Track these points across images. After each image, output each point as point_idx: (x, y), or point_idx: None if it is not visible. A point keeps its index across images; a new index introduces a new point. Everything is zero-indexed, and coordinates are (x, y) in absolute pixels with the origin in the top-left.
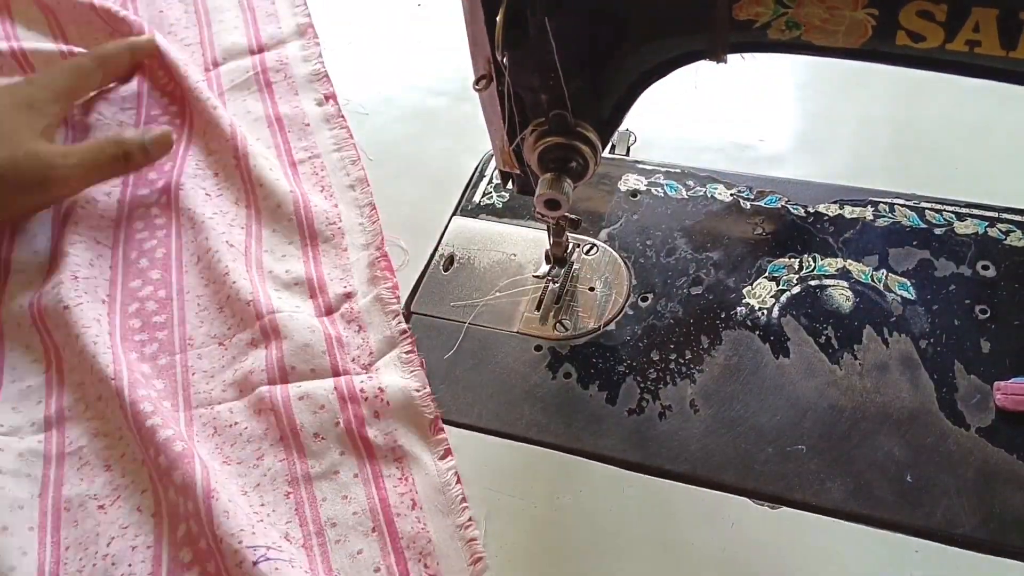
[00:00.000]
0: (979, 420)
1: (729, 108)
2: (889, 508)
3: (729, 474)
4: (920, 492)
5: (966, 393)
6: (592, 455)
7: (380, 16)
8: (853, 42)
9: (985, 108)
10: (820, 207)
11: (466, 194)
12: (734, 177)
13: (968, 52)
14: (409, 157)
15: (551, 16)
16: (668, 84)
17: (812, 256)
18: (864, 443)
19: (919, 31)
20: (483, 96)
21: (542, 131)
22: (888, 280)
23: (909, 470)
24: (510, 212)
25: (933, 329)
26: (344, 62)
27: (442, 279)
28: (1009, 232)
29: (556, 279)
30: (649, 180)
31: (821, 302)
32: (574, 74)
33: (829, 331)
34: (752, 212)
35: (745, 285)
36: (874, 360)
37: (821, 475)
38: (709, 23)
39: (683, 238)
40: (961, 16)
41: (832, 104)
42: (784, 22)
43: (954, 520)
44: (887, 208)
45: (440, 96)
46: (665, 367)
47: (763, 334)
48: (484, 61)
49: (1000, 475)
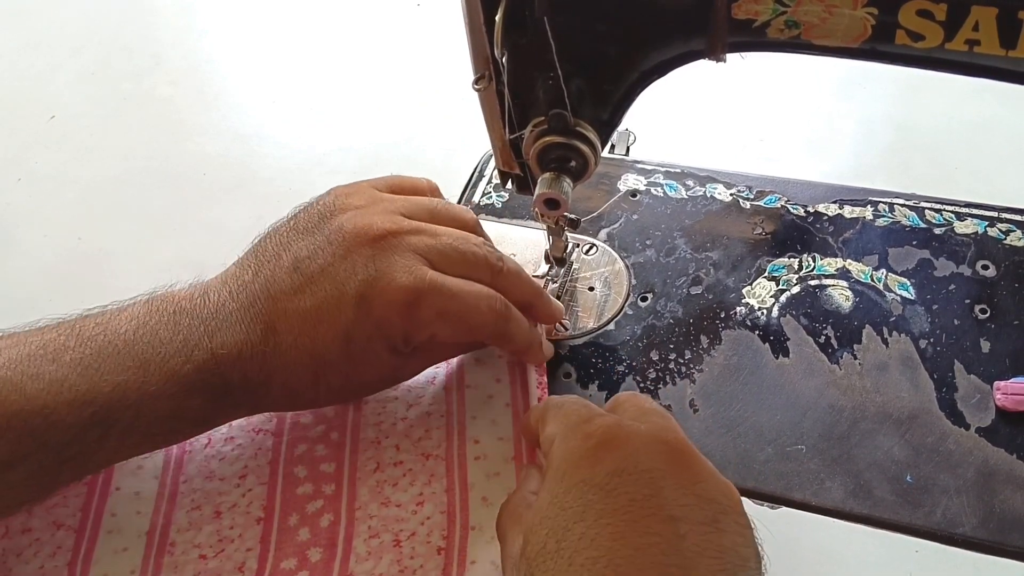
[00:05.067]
0: (979, 420)
1: (729, 108)
2: (889, 508)
3: (729, 474)
4: (920, 492)
5: (966, 393)
6: None
7: (380, 16)
8: (852, 41)
9: (985, 108)
10: (820, 207)
11: (465, 194)
12: (734, 177)
13: (968, 51)
14: (409, 157)
15: (550, 16)
16: (668, 84)
17: (812, 256)
18: (864, 443)
19: (918, 30)
20: (482, 96)
21: (541, 130)
22: (888, 280)
23: (909, 470)
24: (509, 212)
25: (933, 329)
26: (344, 62)
27: None
28: (1009, 232)
29: (555, 279)
30: (649, 180)
31: (821, 302)
32: (573, 73)
33: (829, 331)
34: (752, 212)
35: (745, 285)
36: (874, 360)
37: (821, 475)
38: (708, 22)
39: (682, 238)
40: (961, 15)
41: (832, 104)
42: (783, 21)
43: (954, 520)
44: (887, 208)
45: (439, 96)
46: (664, 367)
47: (763, 334)
48: (483, 60)
49: (1000, 475)
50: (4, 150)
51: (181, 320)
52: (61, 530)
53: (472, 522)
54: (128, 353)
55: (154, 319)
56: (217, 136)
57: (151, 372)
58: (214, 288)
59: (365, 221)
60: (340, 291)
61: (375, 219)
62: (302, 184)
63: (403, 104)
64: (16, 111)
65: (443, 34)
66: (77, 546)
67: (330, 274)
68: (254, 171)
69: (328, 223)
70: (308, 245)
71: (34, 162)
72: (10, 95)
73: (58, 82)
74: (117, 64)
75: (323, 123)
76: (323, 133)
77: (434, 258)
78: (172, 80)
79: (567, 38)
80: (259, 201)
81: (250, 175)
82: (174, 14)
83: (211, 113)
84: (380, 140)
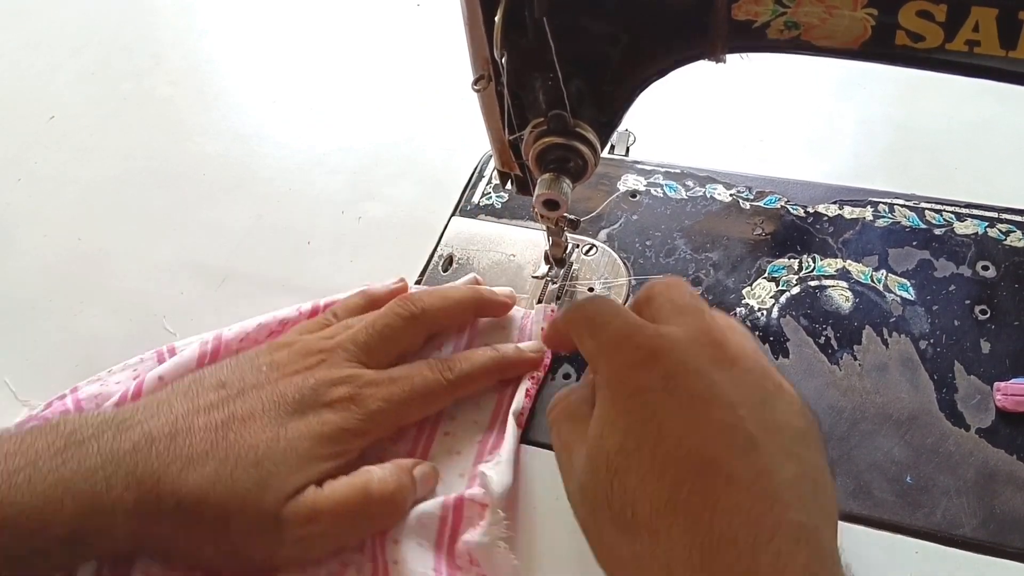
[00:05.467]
0: (979, 420)
1: (729, 108)
2: (889, 509)
3: None
4: (920, 493)
5: (966, 394)
6: None
7: (380, 16)
8: (852, 42)
9: (985, 108)
10: (820, 207)
11: (465, 194)
12: (733, 177)
13: (968, 52)
14: (408, 157)
15: (550, 16)
16: (668, 85)
17: (812, 256)
18: (864, 444)
19: (918, 31)
20: (482, 96)
21: (541, 131)
22: (888, 280)
23: (909, 471)
24: (509, 212)
25: (933, 330)
26: (344, 62)
27: (441, 279)
28: (1009, 232)
29: (555, 279)
30: (648, 180)
31: (821, 302)
32: (573, 74)
33: (829, 332)
34: (751, 212)
35: (744, 286)
36: (874, 361)
37: None
38: (708, 23)
39: (682, 238)
40: (961, 16)
41: (832, 104)
42: (783, 22)
43: (954, 521)
44: (887, 208)
45: (439, 96)
46: None
47: (763, 334)
48: (483, 61)
49: (1000, 475)
50: (4, 150)
51: (63, 428)
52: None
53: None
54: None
55: (32, 435)
56: (217, 136)
57: (18, 482)
58: (110, 406)
59: (296, 355)
60: (277, 399)
61: (304, 350)
62: (302, 184)
63: (403, 104)
64: (16, 111)
65: (443, 34)
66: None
67: (264, 388)
68: (254, 171)
69: (258, 359)
70: (236, 372)
71: (34, 162)
72: (10, 95)
73: (58, 82)
74: (117, 64)
75: (323, 123)
76: (323, 133)
77: (363, 357)
78: (172, 80)
79: (567, 39)
80: (259, 201)
81: (250, 175)
82: (174, 14)
83: (211, 113)
84: (380, 140)
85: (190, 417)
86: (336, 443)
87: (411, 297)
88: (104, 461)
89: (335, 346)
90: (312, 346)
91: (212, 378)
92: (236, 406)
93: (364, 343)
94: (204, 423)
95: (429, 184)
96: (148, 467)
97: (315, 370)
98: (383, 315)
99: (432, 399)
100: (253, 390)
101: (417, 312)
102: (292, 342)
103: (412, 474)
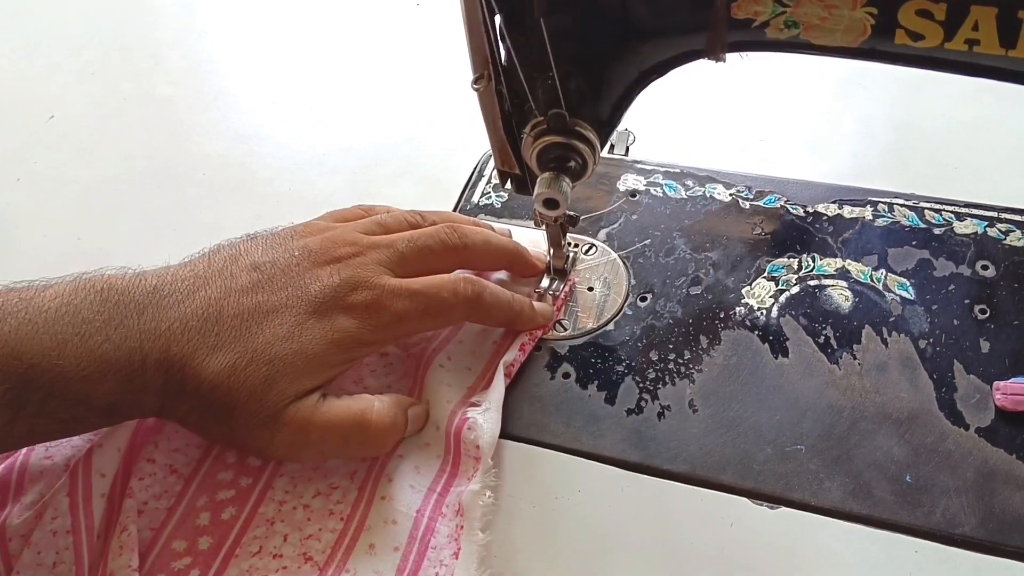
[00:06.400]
0: (979, 420)
1: (728, 108)
2: (888, 508)
3: (728, 474)
4: (919, 492)
5: (965, 393)
6: (591, 455)
7: (379, 16)
8: (852, 41)
9: (985, 108)
10: (819, 207)
11: (465, 194)
12: (733, 177)
13: (967, 51)
14: (408, 157)
15: (549, 16)
16: (667, 84)
17: (811, 256)
18: (863, 443)
19: (918, 30)
20: (481, 96)
21: (540, 130)
22: (887, 280)
23: (908, 470)
24: (509, 212)
25: (932, 329)
26: (344, 62)
27: None
28: (1008, 232)
29: (557, 292)
30: (648, 180)
31: (820, 302)
32: (572, 73)
33: (828, 331)
34: (751, 212)
35: (744, 285)
36: (873, 360)
37: (820, 475)
38: (708, 22)
39: (682, 238)
40: (960, 15)
41: (832, 104)
42: (783, 21)
43: (954, 520)
44: (886, 208)
45: (439, 96)
46: (664, 367)
47: (762, 334)
48: (482, 60)
49: (1000, 475)
50: (4, 150)
51: (110, 297)
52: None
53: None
54: (47, 332)
55: (79, 297)
56: (217, 136)
57: (67, 353)
58: (154, 273)
59: (329, 243)
60: (301, 294)
61: (338, 240)
62: (302, 184)
63: (403, 104)
64: (16, 111)
65: (443, 34)
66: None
67: (292, 277)
68: (254, 171)
69: (292, 242)
70: (269, 254)
71: (34, 162)
72: (10, 95)
73: (58, 82)
74: (117, 64)
75: (323, 123)
76: (323, 133)
77: (394, 266)
78: (172, 80)
79: (566, 38)
80: (259, 201)
81: (250, 175)
82: (174, 14)
83: (211, 113)
84: (380, 140)
85: (222, 300)
86: (346, 351)
87: (460, 230)
88: (142, 341)
89: (372, 245)
90: (347, 237)
91: (248, 257)
92: (264, 296)
93: (401, 254)
94: (234, 310)
95: (429, 184)
96: (179, 351)
97: (344, 264)
98: (429, 235)
99: (445, 319)
100: (283, 276)
101: (460, 246)
102: (327, 227)
103: (407, 413)
